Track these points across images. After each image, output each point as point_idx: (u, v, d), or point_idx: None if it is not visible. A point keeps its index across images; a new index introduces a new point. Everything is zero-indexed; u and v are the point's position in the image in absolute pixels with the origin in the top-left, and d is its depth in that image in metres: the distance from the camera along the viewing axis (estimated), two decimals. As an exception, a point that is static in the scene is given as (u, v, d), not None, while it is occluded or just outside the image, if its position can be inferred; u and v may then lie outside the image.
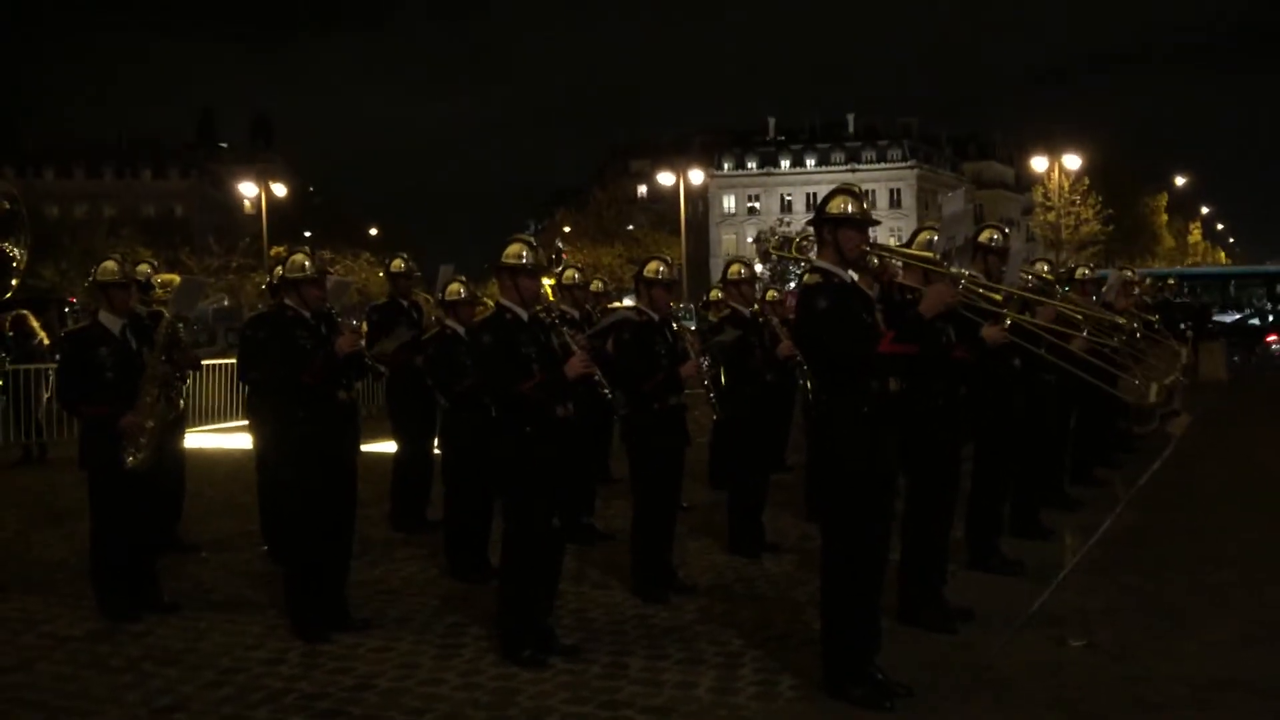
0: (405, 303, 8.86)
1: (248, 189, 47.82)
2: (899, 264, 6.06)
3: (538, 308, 5.70)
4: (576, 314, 8.82)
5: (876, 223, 5.19)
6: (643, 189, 78.43)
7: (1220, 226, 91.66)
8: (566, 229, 70.68)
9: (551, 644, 5.52)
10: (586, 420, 5.95)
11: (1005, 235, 6.71)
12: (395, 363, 8.11)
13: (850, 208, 4.95)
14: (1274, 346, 29.31)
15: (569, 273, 9.48)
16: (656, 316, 6.73)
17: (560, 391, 5.47)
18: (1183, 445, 12.93)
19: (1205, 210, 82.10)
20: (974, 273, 6.07)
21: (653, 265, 6.79)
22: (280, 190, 45.83)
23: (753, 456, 7.88)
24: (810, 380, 6.78)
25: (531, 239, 5.84)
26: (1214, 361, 21.70)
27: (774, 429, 9.02)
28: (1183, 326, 14.74)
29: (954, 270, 5.44)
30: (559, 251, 51.61)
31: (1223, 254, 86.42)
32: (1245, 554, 7.59)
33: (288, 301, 6.16)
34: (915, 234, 6.61)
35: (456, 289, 7.61)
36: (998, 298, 6.37)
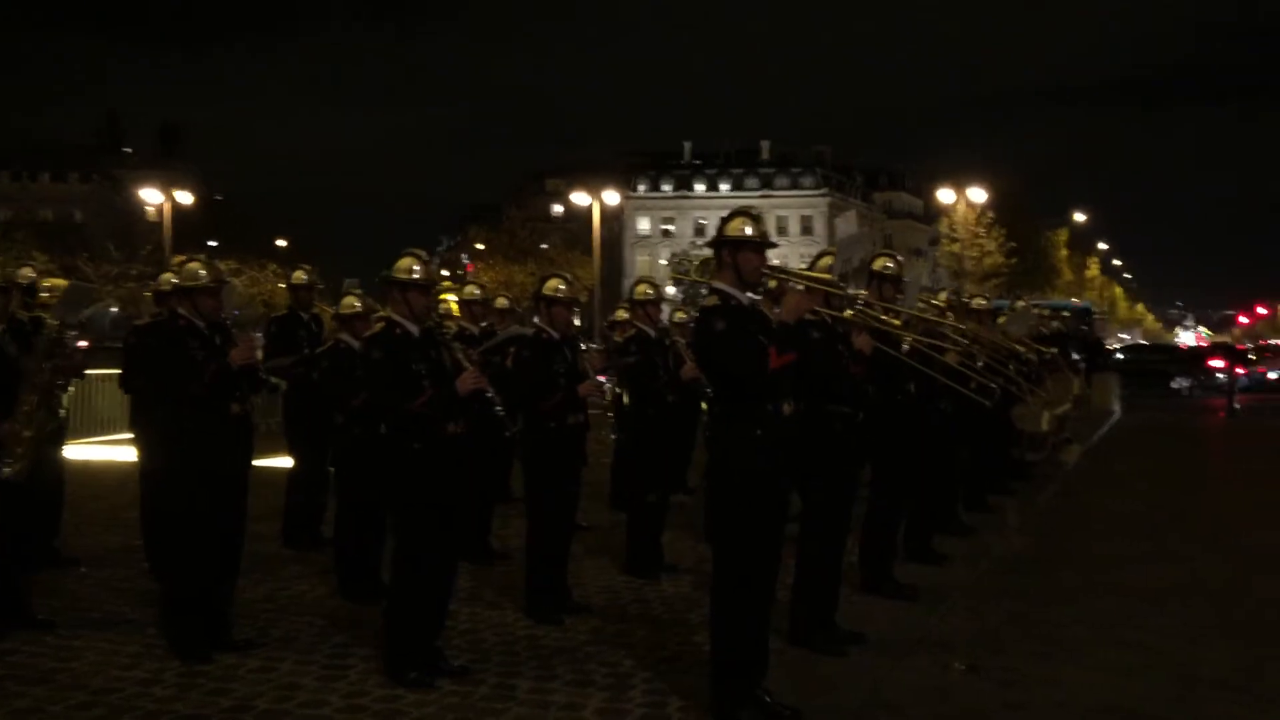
0: (305, 315, 8.68)
1: (152, 195, 46.51)
2: (800, 287, 6.10)
3: (431, 322, 5.60)
4: (475, 330, 8.72)
5: (775, 245, 5.20)
6: (558, 208, 78.22)
7: (1117, 262, 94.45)
8: (479, 246, 70.23)
9: (440, 665, 5.42)
10: (482, 438, 5.86)
11: (899, 263, 6.78)
12: (291, 376, 7.95)
13: (749, 230, 4.95)
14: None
15: (469, 288, 9.38)
16: (557, 335, 6.67)
17: (451, 408, 5.38)
18: (1074, 474, 13.23)
19: (1103, 246, 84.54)
20: (870, 298, 6.14)
21: (552, 283, 6.73)
22: (186, 198, 44.56)
23: (653, 478, 7.85)
24: (708, 401, 6.78)
25: (422, 253, 5.74)
26: (1106, 392, 22.36)
27: (676, 450, 9.01)
28: (1076, 358, 15.13)
29: (851, 291, 5.49)
30: (464, 267, 51.22)
31: (1119, 289, 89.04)
32: (1131, 582, 7.76)
33: (180, 310, 5.99)
34: (817, 258, 6.68)
35: (351, 302, 7.50)
36: (897, 322, 6.47)
